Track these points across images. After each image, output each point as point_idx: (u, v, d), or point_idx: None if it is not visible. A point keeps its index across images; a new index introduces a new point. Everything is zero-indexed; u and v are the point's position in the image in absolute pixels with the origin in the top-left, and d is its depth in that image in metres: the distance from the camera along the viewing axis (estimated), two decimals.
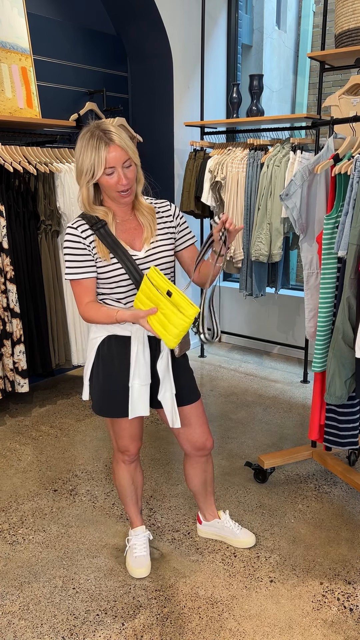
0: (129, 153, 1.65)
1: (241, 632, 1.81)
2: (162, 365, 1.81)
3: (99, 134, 1.63)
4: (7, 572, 2.09)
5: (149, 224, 1.79)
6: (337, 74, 5.93)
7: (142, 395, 1.81)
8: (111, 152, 1.63)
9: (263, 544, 2.22)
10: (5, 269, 3.02)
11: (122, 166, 1.65)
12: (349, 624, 1.84)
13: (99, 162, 1.63)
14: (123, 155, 1.64)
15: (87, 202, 1.73)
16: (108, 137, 1.63)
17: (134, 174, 1.70)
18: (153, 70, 4.11)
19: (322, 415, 2.33)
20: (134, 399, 1.81)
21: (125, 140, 1.65)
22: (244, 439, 3.06)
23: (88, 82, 3.93)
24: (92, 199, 1.74)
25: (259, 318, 4.43)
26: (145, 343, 1.80)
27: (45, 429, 3.21)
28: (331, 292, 2.16)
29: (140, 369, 1.80)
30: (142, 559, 2.07)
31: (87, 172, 1.65)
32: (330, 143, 2.24)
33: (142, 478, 2.11)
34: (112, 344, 1.81)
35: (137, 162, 1.71)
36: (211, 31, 4.25)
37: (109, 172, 1.65)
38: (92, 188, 1.72)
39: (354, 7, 2.81)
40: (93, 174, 1.65)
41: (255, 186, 3.55)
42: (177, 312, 1.60)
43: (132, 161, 1.68)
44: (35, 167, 3.16)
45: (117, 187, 1.67)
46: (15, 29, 3.27)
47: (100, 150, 1.62)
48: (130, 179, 1.68)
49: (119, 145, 1.63)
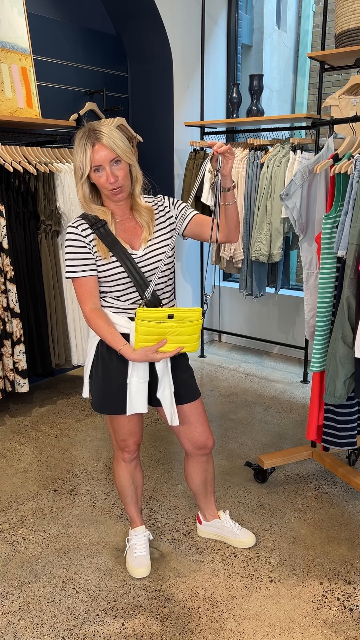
0: (117, 152, 1.67)
1: (241, 632, 1.81)
2: (161, 363, 1.82)
3: (88, 134, 1.67)
4: (7, 572, 2.09)
5: (147, 223, 1.81)
6: (337, 74, 5.93)
7: (141, 393, 1.82)
8: (97, 152, 1.66)
9: (263, 544, 2.22)
10: (5, 269, 3.02)
11: (110, 165, 1.68)
12: (349, 624, 1.84)
13: (85, 161, 1.67)
14: (109, 154, 1.66)
15: (83, 200, 1.77)
16: (95, 137, 1.66)
17: (124, 173, 1.71)
18: (153, 70, 4.11)
19: (320, 415, 2.33)
20: (132, 396, 1.82)
21: (115, 139, 1.67)
22: (244, 439, 3.06)
23: (88, 82, 3.93)
24: (89, 198, 1.77)
25: (259, 318, 4.43)
26: None
27: (45, 429, 3.21)
28: (330, 292, 2.16)
29: (139, 367, 1.80)
30: (142, 559, 2.07)
31: (77, 170, 1.70)
32: (330, 143, 2.24)
33: (142, 478, 2.11)
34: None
35: (129, 161, 1.72)
36: (211, 31, 4.25)
37: (96, 169, 1.68)
38: (87, 187, 1.75)
39: (354, 7, 2.81)
40: (82, 172, 1.69)
41: (255, 186, 3.56)
42: (186, 323, 1.68)
43: (121, 158, 1.69)
44: (35, 167, 3.16)
45: (107, 185, 1.70)
46: (15, 29, 3.27)
47: (87, 149, 1.66)
48: (119, 177, 1.69)
49: (104, 145, 1.66)
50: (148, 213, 1.82)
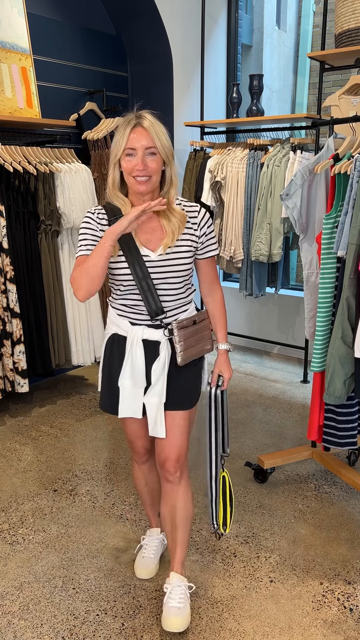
0: (156, 143, 1.60)
1: (241, 632, 1.81)
2: (158, 369, 1.73)
3: (132, 117, 1.61)
4: (7, 572, 2.09)
5: (173, 231, 1.68)
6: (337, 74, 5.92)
7: (134, 397, 1.75)
8: (135, 133, 1.59)
9: (263, 544, 2.22)
10: (5, 269, 3.02)
11: (145, 151, 1.59)
12: (349, 624, 1.84)
13: (122, 141, 1.60)
14: (147, 139, 1.59)
15: (112, 185, 1.68)
16: (138, 120, 1.60)
17: (156, 167, 1.62)
18: (153, 70, 4.11)
19: (321, 415, 2.33)
20: (124, 399, 1.76)
21: (159, 132, 1.60)
22: (244, 439, 3.06)
23: (88, 82, 3.93)
24: (118, 185, 1.68)
25: (259, 318, 4.43)
26: (139, 344, 1.73)
27: (45, 429, 3.21)
28: (330, 291, 2.16)
29: (134, 371, 1.74)
30: (148, 560, 2.06)
31: (112, 151, 1.63)
32: (330, 143, 2.24)
33: (158, 481, 1.96)
34: (115, 342, 1.79)
35: (166, 159, 1.64)
36: (211, 31, 4.25)
37: (128, 153, 1.60)
38: (117, 172, 1.66)
39: (354, 7, 2.81)
40: (116, 153, 1.62)
41: (255, 186, 3.55)
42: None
43: (157, 151, 1.61)
44: (35, 167, 3.16)
45: (133, 172, 1.60)
46: (15, 29, 3.27)
47: (126, 130, 1.59)
48: (150, 167, 1.60)
49: (145, 129, 1.59)
50: (179, 219, 1.69)
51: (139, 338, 1.73)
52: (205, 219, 1.76)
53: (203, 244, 1.77)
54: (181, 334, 1.73)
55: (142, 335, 1.73)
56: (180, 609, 1.78)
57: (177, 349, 1.72)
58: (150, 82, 4.16)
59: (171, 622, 1.76)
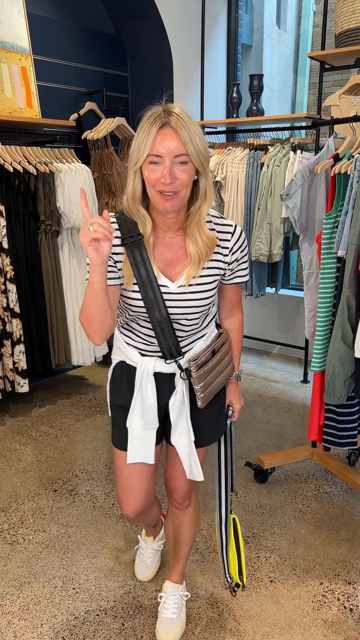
0: (189, 149, 1.26)
1: (241, 632, 1.81)
2: (176, 404, 1.49)
3: (160, 112, 1.28)
4: (7, 572, 2.08)
5: (200, 257, 1.38)
6: (337, 74, 5.92)
7: (147, 440, 1.51)
8: (163, 136, 1.25)
9: (263, 544, 2.22)
10: (5, 269, 3.02)
11: (173, 160, 1.27)
12: (349, 624, 1.84)
13: (145, 144, 1.27)
14: (178, 146, 1.26)
15: (131, 197, 1.36)
16: (168, 119, 1.26)
17: (188, 178, 1.29)
18: (153, 70, 4.11)
19: (321, 415, 2.33)
20: (133, 443, 1.51)
21: (193, 134, 1.27)
22: (244, 439, 3.06)
23: (88, 82, 3.93)
24: (139, 197, 1.36)
25: (259, 318, 4.43)
26: (150, 379, 1.49)
27: (45, 429, 3.21)
28: (330, 291, 2.16)
29: (145, 410, 1.49)
30: (145, 566, 2.04)
31: (133, 155, 1.31)
32: (330, 143, 2.24)
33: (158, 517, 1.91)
34: (125, 370, 1.55)
35: (200, 169, 1.32)
36: (211, 31, 4.25)
37: (153, 160, 1.28)
38: (139, 182, 1.34)
39: (354, 7, 2.81)
40: (138, 158, 1.29)
41: (255, 186, 3.55)
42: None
43: (190, 159, 1.28)
44: (35, 167, 3.16)
45: (157, 185, 1.28)
46: (15, 29, 3.27)
47: (151, 129, 1.26)
48: (180, 179, 1.28)
49: (175, 130, 1.25)
50: (208, 243, 1.39)
51: (150, 372, 1.49)
52: (240, 242, 1.46)
53: (232, 270, 1.49)
54: (200, 375, 1.45)
55: (153, 368, 1.49)
56: (174, 620, 1.78)
57: (196, 391, 1.47)
58: (150, 82, 4.16)
59: (162, 637, 1.75)
